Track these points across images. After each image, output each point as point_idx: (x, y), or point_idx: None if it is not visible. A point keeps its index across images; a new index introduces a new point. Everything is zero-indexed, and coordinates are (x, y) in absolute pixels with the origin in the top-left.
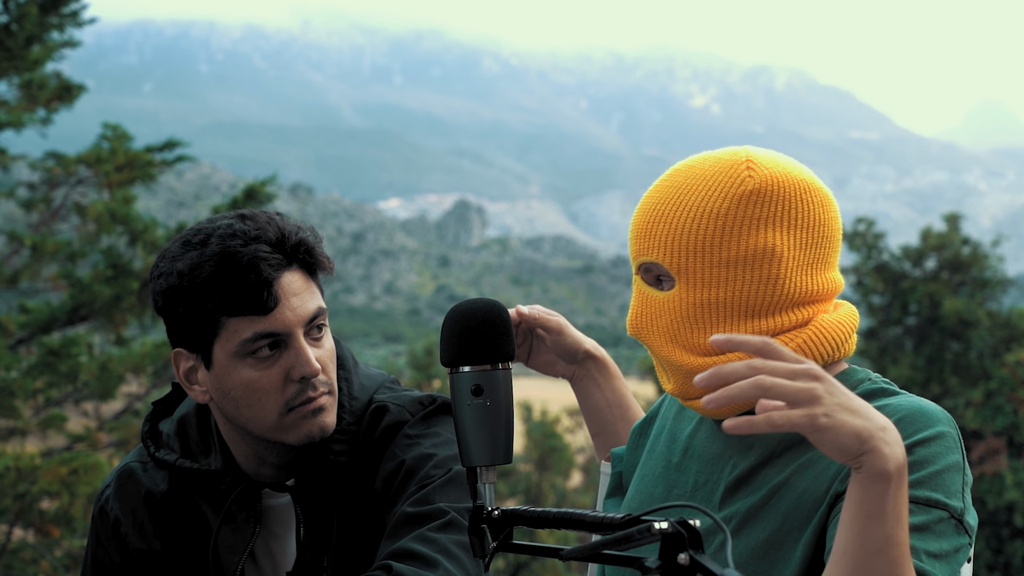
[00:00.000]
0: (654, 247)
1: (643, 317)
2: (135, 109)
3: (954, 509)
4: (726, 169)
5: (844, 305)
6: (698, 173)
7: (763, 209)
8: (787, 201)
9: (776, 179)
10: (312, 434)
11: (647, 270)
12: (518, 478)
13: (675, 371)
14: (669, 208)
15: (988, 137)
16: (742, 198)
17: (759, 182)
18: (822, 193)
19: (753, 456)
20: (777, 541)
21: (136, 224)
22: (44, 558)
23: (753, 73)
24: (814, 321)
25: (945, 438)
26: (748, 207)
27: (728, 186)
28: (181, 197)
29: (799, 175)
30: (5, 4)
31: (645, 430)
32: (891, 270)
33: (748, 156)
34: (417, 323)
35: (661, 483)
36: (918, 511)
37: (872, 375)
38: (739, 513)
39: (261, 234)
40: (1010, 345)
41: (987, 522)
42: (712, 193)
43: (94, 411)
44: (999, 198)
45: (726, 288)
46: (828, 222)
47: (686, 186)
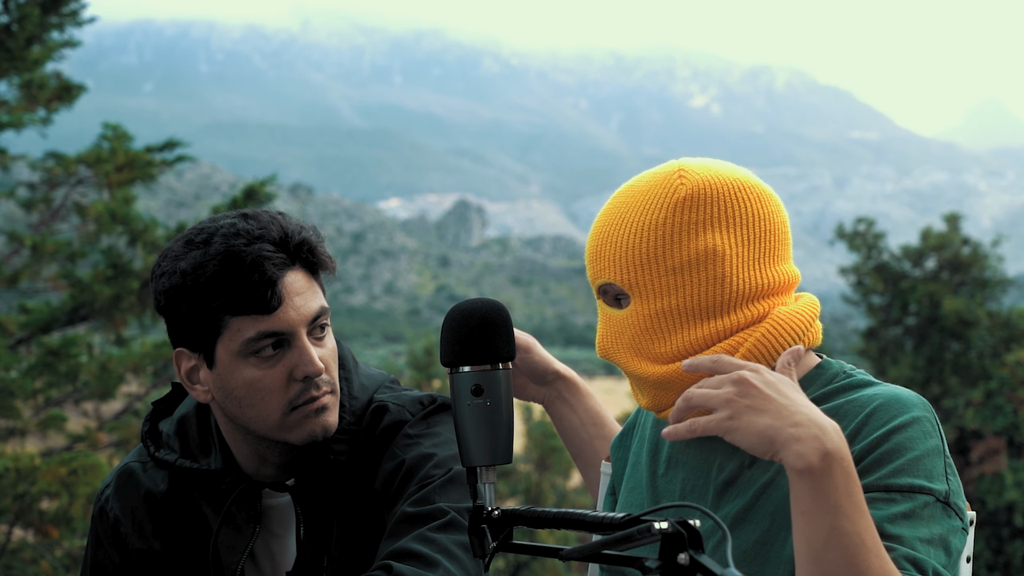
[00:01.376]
0: (606, 268)
1: (608, 337)
2: (135, 109)
3: (939, 492)
4: (660, 182)
5: (804, 296)
6: (636, 191)
7: (699, 213)
8: (721, 201)
9: (707, 182)
10: (315, 433)
11: (604, 291)
12: (518, 478)
13: (645, 385)
14: (613, 228)
15: (988, 137)
16: (677, 205)
17: (691, 188)
18: (758, 189)
19: (738, 458)
20: (768, 541)
21: (136, 224)
22: (44, 558)
23: (753, 73)
24: (771, 315)
25: (921, 423)
26: (684, 212)
27: (663, 196)
28: (181, 197)
29: (731, 175)
30: (5, 4)
31: (624, 443)
32: (891, 270)
33: (680, 166)
34: (417, 323)
35: (648, 493)
36: (902, 499)
37: (847, 367)
38: (729, 516)
39: (264, 233)
40: (1010, 345)
41: (987, 522)
42: (649, 206)
43: (94, 411)
44: (999, 198)
45: (677, 295)
46: (768, 217)
47: (627, 205)
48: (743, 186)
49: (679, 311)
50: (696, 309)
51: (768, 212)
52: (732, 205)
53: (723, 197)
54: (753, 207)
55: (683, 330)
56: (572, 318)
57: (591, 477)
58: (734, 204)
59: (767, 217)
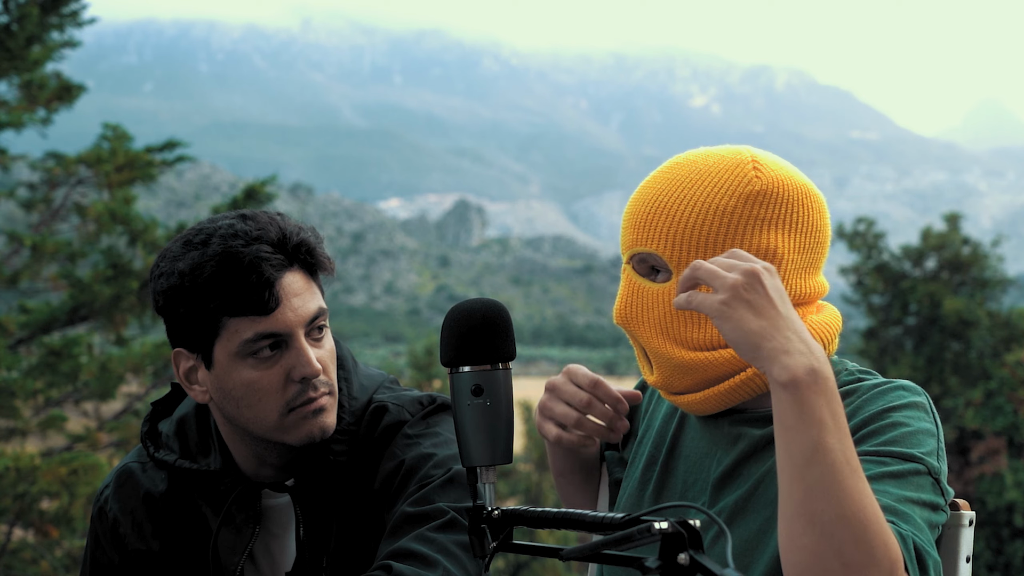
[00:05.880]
0: (653, 238)
1: (633, 307)
2: (135, 109)
3: (930, 465)
4: (732, 167)
5: (827, 307)
6: (702, 168)
7: (768, 210)
8: (790, 204)
9: (781, 182)
10: (313, 435)
11: (642, 260)
12: (518, 478)
13: (662, 363)
14: (671, 201)
15: (988, 137)
16: (749, 197)
17: (766, 183)
18: (820, 199)
19: (736, 451)
20: (769, 529)
21: (136, 224)
22: (44, 558)
23: (753, 73)
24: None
25: (918, 407)
26: (754, 207)
27: (735, 184)
28: (181, 197)
29: (801, 180)
30: (5, 4)
31: (632, 417)
32: (891, 270)
33: (753, 156)
34: (417, 323)
35: (651, 485)
36: (892, 462)
37: (849, 365)
38: (728, 507)
39: (263, 234)
40: (1010, 345)
41: (987, 522)
42: (718, 190)
43: (94, 411)
44: (999, 198)
45: None
46: (823, 228)
47: (689, 180)
48: (809, 192)
49: None
50: None
51: (824, 223)
52: (798, 210)
53: (792, 200)
54: (813, 216)
55: None
56: (572, 318)
57: (581, 492)
58: (799, 209)
59: (823, 228)
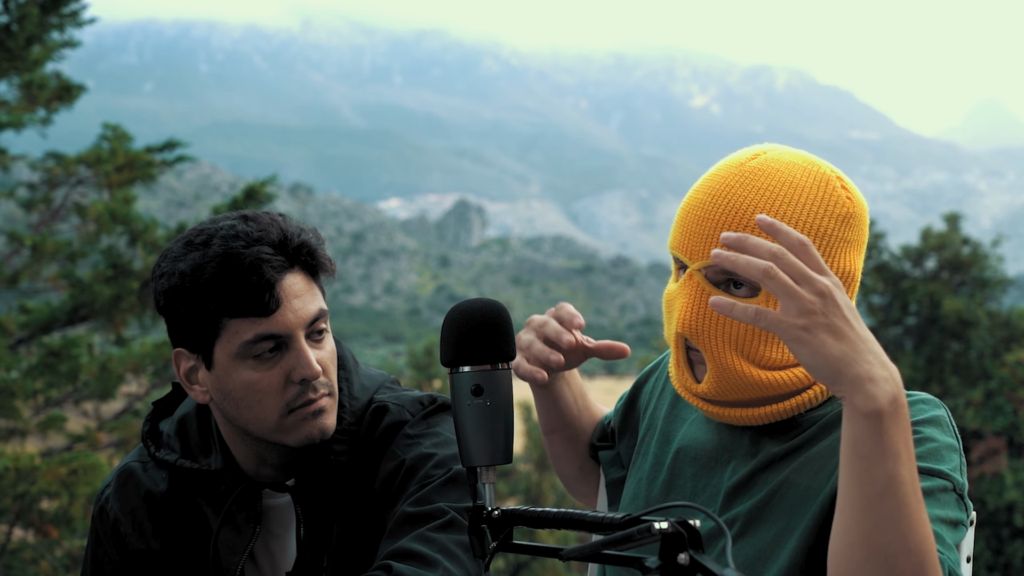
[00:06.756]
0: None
1: (705, 319)
2: (135, 109)
3: (956, 481)
4: (821, 183)
5: None
6: (787, 179)
7: (854, 232)
8: (865, 226)
9: (862, 205)
10: (312, 436)
11: (721, 271)
12: (518, 478)
13: (725, 377)
14: (758, 213)
15: (988, 137)
16: (842, 219)
17: (856, 205)
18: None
19: (755, 462)
20: (783, 540)
21: (136, 224)
22: (44, 558)
23: (753, 73)
24: None
25: (942, 421)
26: (845, 229)
27: (829, 204)
28: (181, 197)
29: (864, 200)
30: (5, 4)
31: (629, 419)
32: (891, 270)
33: (836, 173)
34: (417, 323)
35: (657, 485)
36: (922, 479)
37: None
38: (743, 515)
39: (264, 236)
40: (1010, 345)
41: (987, 522)
42: (814, 208)
43: (94, 411)
44: (999, 198)
45: None
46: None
47: (775, 192)
48: (867, 212)
49: None
50: None
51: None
52: (867, 233)
53: (866, 224)
54: (867, 235)
55: None
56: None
57: (568, 452)
58: (867, 232)
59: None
